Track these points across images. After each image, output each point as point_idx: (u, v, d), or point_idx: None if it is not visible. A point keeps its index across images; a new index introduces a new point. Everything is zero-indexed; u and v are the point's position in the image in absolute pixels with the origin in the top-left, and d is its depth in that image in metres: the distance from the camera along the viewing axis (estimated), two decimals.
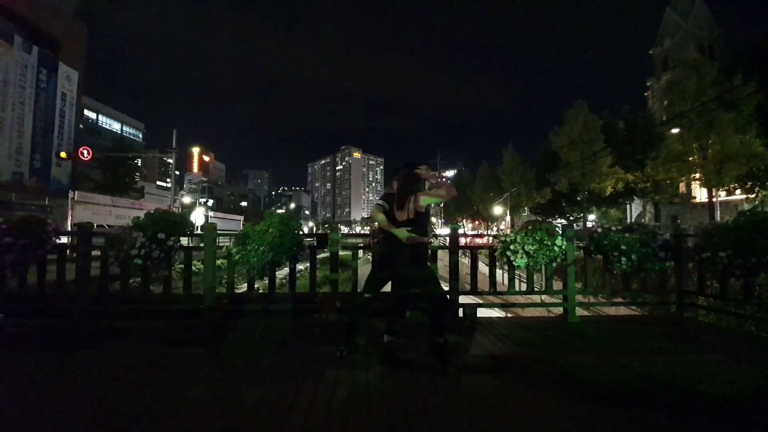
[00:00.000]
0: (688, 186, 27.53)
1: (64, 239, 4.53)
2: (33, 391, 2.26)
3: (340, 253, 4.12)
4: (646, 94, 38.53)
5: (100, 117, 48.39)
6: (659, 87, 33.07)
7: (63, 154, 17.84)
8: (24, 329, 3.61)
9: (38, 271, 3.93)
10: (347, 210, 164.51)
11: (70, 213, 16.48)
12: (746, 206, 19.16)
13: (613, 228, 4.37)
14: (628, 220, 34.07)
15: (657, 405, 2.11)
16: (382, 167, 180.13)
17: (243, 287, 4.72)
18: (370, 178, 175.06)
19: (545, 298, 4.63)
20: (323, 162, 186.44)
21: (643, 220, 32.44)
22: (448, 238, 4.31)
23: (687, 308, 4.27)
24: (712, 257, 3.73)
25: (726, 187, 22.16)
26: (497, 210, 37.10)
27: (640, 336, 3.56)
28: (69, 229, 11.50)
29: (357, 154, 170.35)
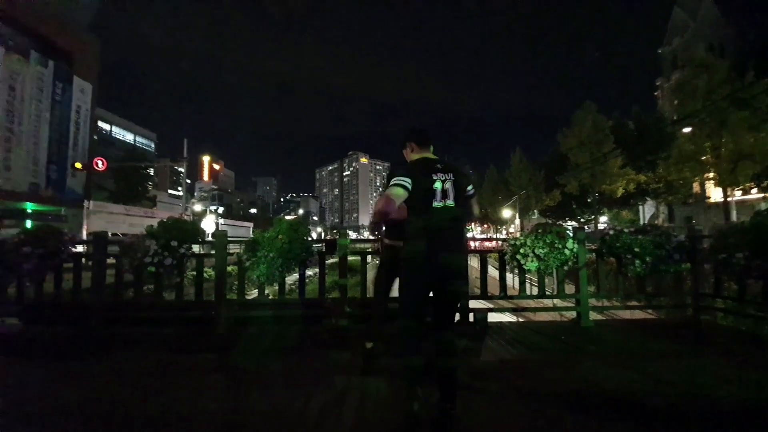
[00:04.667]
0: (702, 186, 26.98)
1: (79, 248, 4.63)
2: (48, 397, 2.30)
3: (349, 258, 4.14)
4: (655, 93, 38.07)
5: (114, 128, 49.54)
6: (669, 86, 32.60)
7: (78, 165, 18.33)
8: (40, 336, 3.68)
9: (55, 280, 4.02)
10: (355, 215, 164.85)
11: (85, 222, 16.84)
12: (763, 205, 18.67)
13: (626, 230, 4.30)
14: (641, 222, 33.50)
15: (674, 411, 2.06)
16: (388, 172, 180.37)
17: (253, 293, 4.75)
18: (378, 183, 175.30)
19: (557, 302, 4.56)
20: (331, 168, 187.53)
21: (656, 222, 31.85)
22: None
23: (704, 311, 4.17)
24: (729, 258, 3.64)
25: (741, 187, 21.64)
26: (506, 213, 36.83)
27: (655, 340, 3.48)
28: (84, 237, 11.75)
29: (364, 160, 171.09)
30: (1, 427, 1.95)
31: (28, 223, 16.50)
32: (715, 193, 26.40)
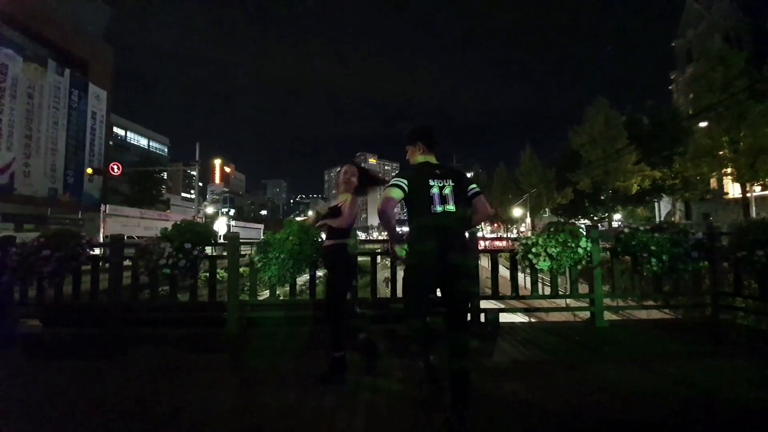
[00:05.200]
0: (720, 181, 26.20)
1: (97, 251, 4.75)
2: (68, 395, 2.36)
3: (359, 259, 4.14)
4: (670, 87, 37.18)
5: (128, 133, 50.59)
6: (684, 80, 31.83)
7: (89, 171, 18.78)
8: (60, 337, 3.78)
9: (73, 282, 4.12)
10: (364, 216, 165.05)
11: (101, 225, 17.25)
12: None
13: (641, 227, 4.21)
14: (657, 219, 32.76)
15: (694, 413, 2.01)
16: (397, 172, 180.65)
17: (265, 294, 4.80)
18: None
19: (570, 302, 4.49)
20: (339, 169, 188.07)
21: (672, 219, 31.10)
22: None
23: (723, 310, 4.06)
24: (749, 256, 3.54)
25: (761, 182, 20.96)
26: (517, 212, 36.43)
27: (673, 340, 3.40)
28: (101, 240, 12.03)
29: (372, 160, 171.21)
30: (23, 425, 2.01)
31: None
32: (733, 189, 25.67)
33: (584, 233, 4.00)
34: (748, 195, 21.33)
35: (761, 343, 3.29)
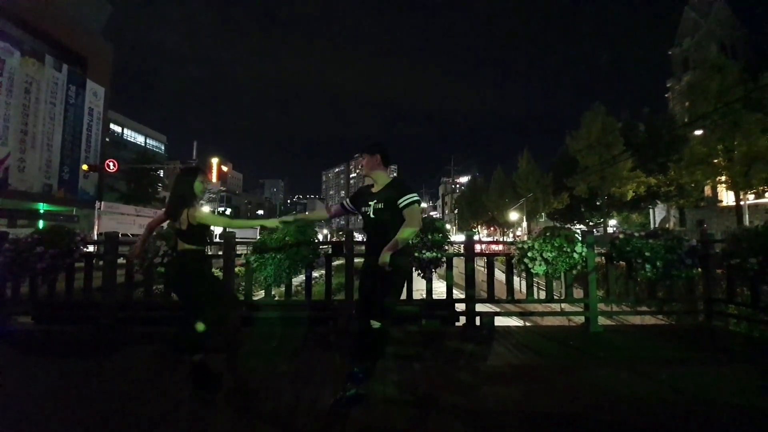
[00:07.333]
0: (714, 189, 26.47)
1: (91, 248, 4.70)
2: (59, 395, 2.33)
3: (356, 260, 4.14)
4: (666, 95, 37.54)
5: (125, 130, 50.23)
6: (680, 88, 32.15)
7: (84, 167, 18.66)
8: (53, 335, 3.75)
9: (67, 279, 4.09)
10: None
11: (96, 222, 17.13)
12: None
13: (636, 233, 4.25)
14: (652, 226, 32.99)
15: (687, 419, 2.03)
16: (395, 174, 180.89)
17: (260, 294, 4.78)
18: None
19: (565, 306, 4.51)
20: (337, 170, 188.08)
21: (667, 225, 31.34)
22: (462, 245, 4.28)
23: (716, 317, 4.10)
24: (742, 263, 3.58)
25: (755, 190, 21.19)
26: (513, 216, 36.58)
27: (666, 346, 3.43)
28: (95, 238, 11.94)
29: None
30: (14, 423, 1.99)
31: (41, 223, 16.84)
32: (727, 197, 25.93)
33: (580, 238, 4.03)
34: (742, 203, 21.56)
35: (753, 351, 3.32)
